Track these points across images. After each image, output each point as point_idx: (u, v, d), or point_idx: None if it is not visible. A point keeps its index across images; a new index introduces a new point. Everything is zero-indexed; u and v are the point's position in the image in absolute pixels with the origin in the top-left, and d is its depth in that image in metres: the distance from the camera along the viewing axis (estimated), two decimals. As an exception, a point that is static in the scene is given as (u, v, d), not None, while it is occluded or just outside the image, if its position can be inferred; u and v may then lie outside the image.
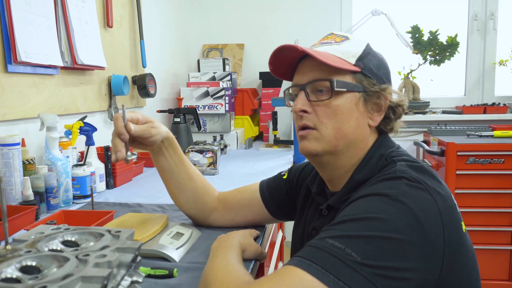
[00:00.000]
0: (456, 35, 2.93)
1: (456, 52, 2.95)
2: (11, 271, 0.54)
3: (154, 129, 0.96)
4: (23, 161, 1.27)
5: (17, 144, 1.24)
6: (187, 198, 1.09)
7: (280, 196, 1.09)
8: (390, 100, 0.85)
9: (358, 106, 0.83)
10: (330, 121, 0.82)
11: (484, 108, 2.90)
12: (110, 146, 1.65)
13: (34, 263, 0.56)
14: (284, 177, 1.11)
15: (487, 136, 2.51)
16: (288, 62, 0.88)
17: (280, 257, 2.01)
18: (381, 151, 0.84)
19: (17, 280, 0.53)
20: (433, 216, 0.66)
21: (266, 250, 0.95)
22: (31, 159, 1.31)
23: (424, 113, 2.98)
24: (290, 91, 0.90)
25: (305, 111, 0.83)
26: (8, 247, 0.59)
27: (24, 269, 0.55)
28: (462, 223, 0.73)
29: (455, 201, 0.74)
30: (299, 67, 0.88)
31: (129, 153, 0.90)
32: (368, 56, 0.85)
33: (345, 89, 0.81)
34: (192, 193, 1.08)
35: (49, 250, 0.61)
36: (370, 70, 0.84)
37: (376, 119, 0.85)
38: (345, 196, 0.82)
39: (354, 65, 0.83)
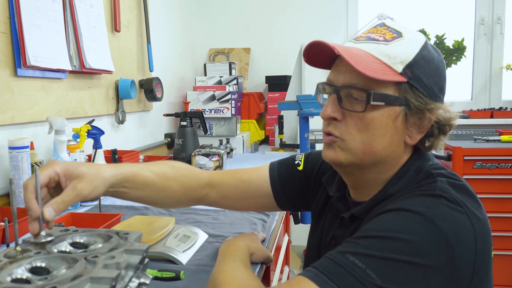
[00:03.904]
0: (462, 39, 2.93)
1: (463, 56, 2.95)
2: (21, 272, 0.55)
3: (82, 185, 0.71)
4: (31, 164, 1.29)
5: (26, 147, 1.25)
6: (171, 204, 0.97)
7: (292, 188, 0.99)
8: (437, 117, 0.73)
9: (396, 121, 0.72)
10: (360, 134, 0.73)
11: (491, 113, 2.88)
12: (117, 149, 1.67)
13: (43, 264, 0.57)
14: (300, 168, 1.00)
15: (494, 140, 2.50)
16: (325, 54, 0.77)
17: (286, 261, 2.00)
18: (418, 164, 0.76)
19: (27, 281, 0.54)
20: (467, 243, 0.62)
21: (272, 253, 0.95)
22: (40, 162, 1.33)
23: (430, 117, 2.97)
24: (324, 87, 0.80)
25: (334, 118, 0.75)
26: (18, 248, 0.60)
27: (34, 270, 0.56)
28: (492, 247, 0.68)
29: (490, 226, 0.69)
30: (337, 62, 0.77)
31: (43, 233, 0.65)
32: (421, 62, 0.72)
33: (383, 103, 0.71)
34: (174, 200, 0.94)
35: (58, 251, 0.61)
36: (419, 80, 0.72)
37: (415, 137, 0.75)
38: (374, 207, 0.75)
39: (401, 73, 0.71)
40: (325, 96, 0.80)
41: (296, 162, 1.01)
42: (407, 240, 0.60)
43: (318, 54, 0.77)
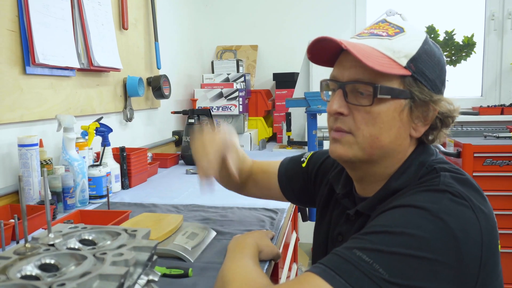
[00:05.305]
0: (472, 35, 2.89)
1: (473, 52, 2.91)
2: (31, 268, 0.55)
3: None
4: (40, 162, 1.29)
5: (35, 144, 1.26)
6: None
7: (297, 184, 1.05)
8: (440, 110, 0.75)
9: (401, 114, 0.73)
10: (368, 128, 0.73)
11: (502, 109, 2.85)
12: (125, 147, 1.68)
13: (52, 261, 0.57)
14: (303, 165, 1.05)
15: (505, 137, 2.46)
16: (329, 51, 0.78)
17: (294, 258, 2.00)
18: (421, 158, 0.76)
19: (36, 278, 0.54)
20: (474, 237, 0.62)
21: (281, 251, 0.95)
22: (49, 160, 1.33)
23: (439, 114, 2.94)
24: (328, 83, 0.80)
25: (341, 113, 0.75)
26: (28, 245, 0.60)
27: (43, 267, 0.56)
28: (499, 241, 0.68)
29: (495, 219, 0.69)
30: (340, 58, 0.78)
31: (51, 235, 0.62)
32: (423, 56, 0.73)
33: (389, 96, 0.72)
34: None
35: (67, 248, 0.61)
36: (422, 74, 0.73)
37: (420, 129, 0.76)
38: (378, 203, 0.75)
39: (405, 67, 0.72)
40: (329, 93, 0.81)
41: (301, 160, 1.06)
42: (414, 235, 0.61)
43: (322, 50, 0.78)
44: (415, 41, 0.74)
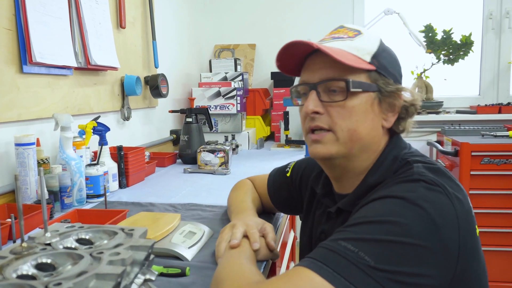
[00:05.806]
0: (470, 34, 2.89)
1: (471, 51, 2.91)
2: (27, 268, 0.55)
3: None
4: (37, 161, 1.29)
5: (32, 143, 1.25)
6: None
7: (284, 194, 1.11)
8: (403, 100, 0.81)
9: (373, 106, 0.79)
10: (345, 122, 0.77)
11: (499, 108, 2.85)
12: (123, 146, 1.68)
13: (49, 261, 0.57)
14: (288, 174, 1.11)
15: (502, 136, 2.47)
16: (296, 57, 0.83)
17: (292, 257, 2.00)
18: (394, 152, 0.81)
19: (32, 277, 0.54)
20: (450, 221, 0.65)
21: (278, 250, 0.95)
22: (46, 159, 1.33)
23: (437, 113, 2.95)
24: (298, 89, 0.85)
25: (317, 112, 0.79)
26: (24, 244, 0.59)
27: (40, 266, 0.56)
28: (476, 226, 0.71)
29: (471, 204, 0.72)
30: (307, 63, 0.83)
31: (48, 234, 0.64)
32: (383, 53, 0.81)
33: (360, 90, 0.77)
34: None
35: (64, 247, 0.61)
36: (385, 68, 0.80)
37: (390, 119, 0.82)
38: (357, 199, 0.79)
39: (369, 63, 0.78)
40: (299, 101, 0.86)
41: (286, 170, 1.13)
42: (395, 222, 0.63)
43: (288, 58, 0.83)
44: (373, 41, 0.82)
